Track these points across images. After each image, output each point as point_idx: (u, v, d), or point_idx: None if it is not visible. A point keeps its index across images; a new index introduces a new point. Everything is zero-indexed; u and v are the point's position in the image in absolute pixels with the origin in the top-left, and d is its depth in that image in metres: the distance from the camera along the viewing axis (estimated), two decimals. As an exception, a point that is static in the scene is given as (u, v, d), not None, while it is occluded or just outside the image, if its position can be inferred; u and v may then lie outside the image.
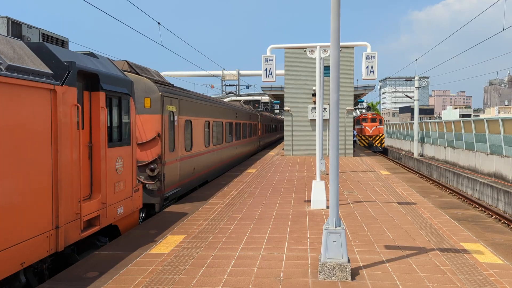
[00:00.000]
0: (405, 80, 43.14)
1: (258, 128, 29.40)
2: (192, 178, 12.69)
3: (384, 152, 42.71)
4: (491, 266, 6.06)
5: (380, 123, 41.27)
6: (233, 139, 19.46)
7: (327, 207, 10.05)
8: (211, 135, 15.18)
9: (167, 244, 7.17)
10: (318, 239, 7.39)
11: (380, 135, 40.72)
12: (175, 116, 11.16)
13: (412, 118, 60.67)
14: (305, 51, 12.07)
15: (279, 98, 32.10)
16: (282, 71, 25.89)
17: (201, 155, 13.74)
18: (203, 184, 14.45)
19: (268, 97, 45.95)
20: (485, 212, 16.09)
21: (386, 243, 7.19)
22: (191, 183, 12.66)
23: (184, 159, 11.85)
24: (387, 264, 6.15)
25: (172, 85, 12.19)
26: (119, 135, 7.57)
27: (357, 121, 40.94)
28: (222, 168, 17.30)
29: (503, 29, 17.77)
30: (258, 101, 54.28)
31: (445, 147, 31.86)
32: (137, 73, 10.22)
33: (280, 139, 48.64)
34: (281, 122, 48.75)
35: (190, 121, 12.60)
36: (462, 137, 28.00)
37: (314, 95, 23.88)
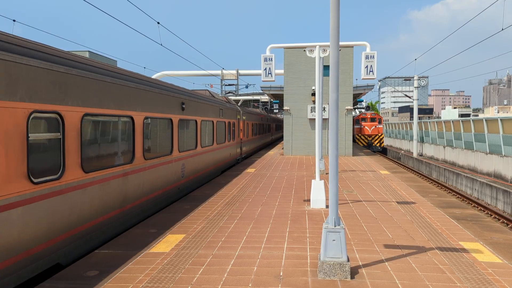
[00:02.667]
0: (404, 80, 43.17)
1: (239, 128, 22.41)
2: None
3: (383, 151, 42.78)
4: (490, 265, 6.08)
5: (379, 122, 41.33)
6: (180, 148, 12.03)
7: (327, 206, 10.07)
8: (85, 145, 7.06)
9: (167, 243, 7.19)
10: (317, 238, 7.41)
11: (379, 134, 40.78)
12: None
13: (411, 117, 60.72)
14: (304, 50, 12.08)
15: (279, 98, 32.12)
16: (282, 71, 25.92)
17: (47, 199, 5.95)
18: (82, 256, 6.92)
19: (267, 97, 46.00)
20: (484, 211, 16.12)
21: (386, 242, 7.22)
22: None
23: None
24: (386, 263, 6.17)
25: None
26: None
27: (356, 121, 40.99)
28: (149, 206, 9.78)
29: (502, 29, 17.79)
30: (257, 101, 54.41)
31: (444, 147, 31.89)
32: None
33: (276, 141, 45.80)
34: (277, 120, 47.38)
35: None
36: (461, 136, 28.04)
37: (313, 94, 23.92)
